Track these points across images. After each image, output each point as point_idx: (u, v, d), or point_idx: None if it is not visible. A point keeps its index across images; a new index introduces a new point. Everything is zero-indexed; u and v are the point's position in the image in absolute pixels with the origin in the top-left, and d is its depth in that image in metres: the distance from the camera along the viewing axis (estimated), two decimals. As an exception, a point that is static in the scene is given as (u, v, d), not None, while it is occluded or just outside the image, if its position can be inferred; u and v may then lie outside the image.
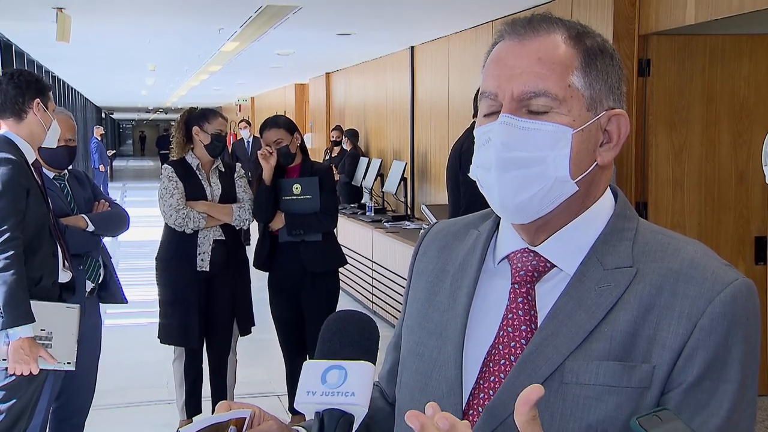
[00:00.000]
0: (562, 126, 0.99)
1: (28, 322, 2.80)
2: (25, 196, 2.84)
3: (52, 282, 2.99)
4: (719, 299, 0.96)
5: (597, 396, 0.96)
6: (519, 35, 1.02)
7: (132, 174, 28.80)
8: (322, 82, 11.88)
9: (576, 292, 1.01)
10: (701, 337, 0.95)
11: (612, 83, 1.04)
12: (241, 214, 4.06)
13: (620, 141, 1.05)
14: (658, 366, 0.95)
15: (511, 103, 1.00)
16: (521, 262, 1.06)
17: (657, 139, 4.66)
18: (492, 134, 1.01)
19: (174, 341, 4.14)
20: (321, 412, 0.86)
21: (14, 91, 2.94)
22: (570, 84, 1.00)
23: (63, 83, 14.91)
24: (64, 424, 3.52)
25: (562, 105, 0.99)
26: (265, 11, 6.05)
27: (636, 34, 4.64)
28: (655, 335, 0.96)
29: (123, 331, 6.65)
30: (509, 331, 1.03)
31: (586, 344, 0.98)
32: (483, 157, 1.03)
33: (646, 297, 0.98)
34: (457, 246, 1.16)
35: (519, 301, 1.04)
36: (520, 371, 0.99)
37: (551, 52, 1.00)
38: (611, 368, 0.96)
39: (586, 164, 1.02)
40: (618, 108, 1.05)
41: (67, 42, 6.13)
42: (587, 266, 1.02)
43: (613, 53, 1.05)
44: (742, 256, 4.78)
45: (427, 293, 1.15)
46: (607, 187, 1.08)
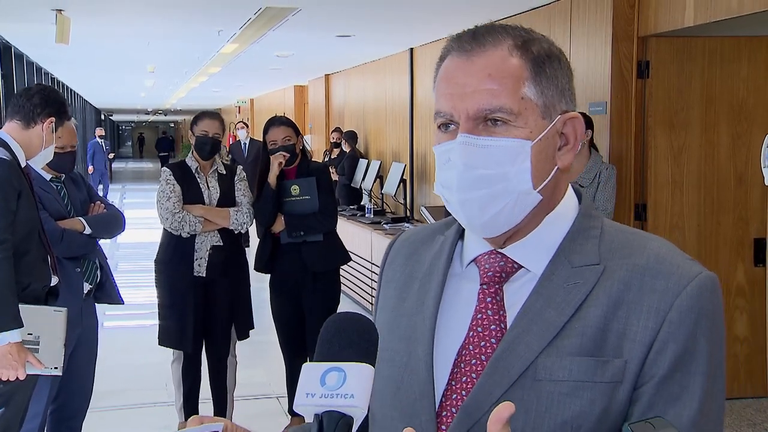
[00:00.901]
0: (521, 140, 1.00)
1: (16, 327, 2.76)
2: (17, 197, 2.82)
3: (42, 286, 2.96)
4: (686, 293, 0.98)
5: (570, 392, 0.97)
6: (466, 51, 1.02)
7: (131, 176, 28.80)
8: (322, 83, 11.88)
9: (545, 291, 1.02)
10: (671, 330, 0.96)
11: (563, 86, 1.04)
12: (238, 218, 4.04)
13: (577, 142, 1.06)
14: (630, 360, 0.97)
15: (468, 122, 1.00)
16: (489, 263, 1.07)
17: (656, 141, 4.66)
18: (452, 154, 1.02)
19: (170, 344, 4.13)
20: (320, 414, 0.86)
21: (38, 100, 3.00)
22: (523, 96, 1.00)
23: (62, 85, 14.91)
24: (62, 426, 3.52)
25: (518, 118, 1.00)
26: (265, 13, 6.06)
27: (635, 36, 4.64)
28: (625, 330, 0.98)
29: (122, 333, 6.65)
30: (479, 330, 1.04)
31: (557, 341, 0.99)
32: (445, 177, 1.04)
33: (615, 293, 0.99)
34: (424, 252, 1.16)
35: (488, 301, 1.05)
36: (494, 370, 1.00)
37: (500, 67, 1.00)
38: (584, 364, 0.97)
39: (546, 172, 1.03)
40: (571, 110, 1.06)
41: (67, 44, 6.14)
42: (555, 265, 1.03)
43: (560, 56, 1.05)
44: (741, 258, 4.78)
45: (395, 300, 1.16)
46: (568, 186, 1.09)
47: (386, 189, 8.05)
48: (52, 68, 11.90)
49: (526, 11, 5.65)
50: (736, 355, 4.81)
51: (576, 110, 1.07)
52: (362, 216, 7.87)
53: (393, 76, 8.84)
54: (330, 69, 11.22)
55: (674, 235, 4.72)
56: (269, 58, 9.46)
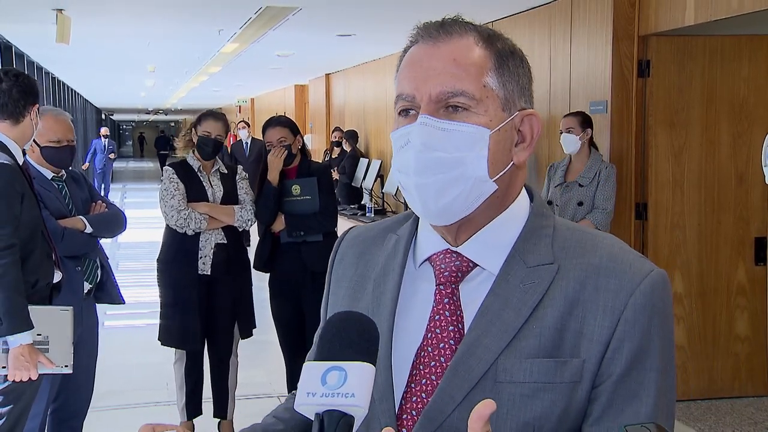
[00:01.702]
0: (480, 127, 1.01)
1: (27, 329, 2.79)
2: (20, 201, 2.83)
3: (46, 284, 2.98)
4: (639, 291, 0.99)
5: (531, 393, 0.98)
6: (433, 38, 1.04)
7: (132, 175, 28.81)
8: (322, 83, 11.88)
9: (502, 291, 1.02)
10: (626, 329, 0.98)
11: (523, 84, 1.06)
12: (243, 215, 4.05)
13: (533, 140, 1.07)
14: (588, 360, 0.98)
15: (429, 104, 1.02)
16: (444, 263, 1.07)
17: (657, 140, 4.66)
18: (411, 136, 1.02)
19: (174, 343, 4.13)
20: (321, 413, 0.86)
21: (18, 95, 2.94)
22: (485, 84, 1.02)
23: (63, 85, 14.92)
24: (63, 426, 3.52)
25: (479, 105, 1.01)
26: (265, 12, 6.06)
27: (636, 35, 4.64)
28: (581, 329, 0.99)
29: (122, 332, 6.65)
30: (437, 332, 1.04)
31: (515, 342, 0.99)
32: (402, 160, 1.04)
33: (571, 292, 1.00)
34: (376, 251, 1.16)
35: (445, 302, 1.05)
36: (454, 373, 1.00)
37: (466, 54, 1.02)
38: (543, 365, 0.98)
39: (502, 164, 1.04)
40: (529, 108, 1.07)
41: (67, 43, 6.14)
42: (511, 265, 1.04)
43: (522, 56, 1.07)
44: (741, 257, 4.78)
45: (348, 300, 1.15)
46: (522, 186, 1.10)
47: (387, 188, 8.05)
48: (52, 68, 11.91)
49: (527, 10, 5.64)
50: (737, 354, 4.81)
51: (533, 110, 1.08)
52: (363, 215, 7.87)
53: (393, 76, 8.83)
54: (330, 68, 11.22)
55: (675, 235, 4.72)
56: (270, 58, 9.46)
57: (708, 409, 4.68)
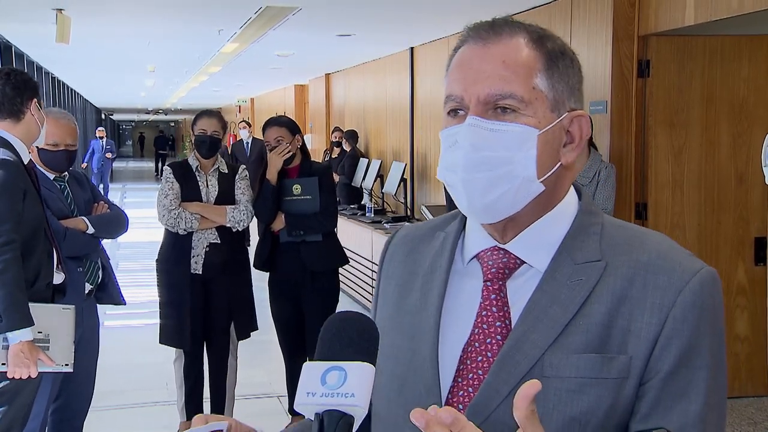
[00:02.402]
0: (528, 127, 1.01)
1: (28, 326, 2.78)
2: (22, 198, 2.83)
3: (46, 283, 2.97)
4: (688, 288, 0.99)
5: (578, 388, 0.98)
6: (482, 39, 1.05)
7: (131, 175, 28.81)
8: (322, 83, 11.88)
9: (549, 288, 1.03)
10: (675, 326, 0.98)
11: (573, 85, 1.06)
12: (235, 216, 4.04)
13: (582, 141, 1.07)
14: (635, 356, 0.98)
15: (478, 105, 1.02)
16: (491, 259, 1.07)
17: (656, 140, 4.66)
18: (459, 136, 1.03)
19: (170, 342, 4.14)
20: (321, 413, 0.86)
21: (12, 92, 2.91)
22: (534, 86, 1.02)
23: (63, 84, 14.92)
24: (63, 426, 3.52)
25: (528, 107, 1.01)
26: (265, 12, 6.06)
27: (635, 35, 4.64)
28: (629, 326, 0.99)
29: (122, 332, 6.65)
30: (484, 328, 1.04)
31: (562, 338, 1.00)
32: (450, 159, 1.05)
33: (618, 289, 1.00)
34: (424, 249, 1.17)
35: (492, 298, 1.05)
36: (500, 368, 1.00)
37: (515, 55, 1.02)
38: (590, 360, 0.98)
39: (550, 164, 1.04)
40: (579, 109, 1.07)
41: (67, 43, 6.14)
42: (558, 262, 1.04)
43: (573, 56, 1.07)
44: (741, 257, 4.78)
45: (397, 297, 1.16)
46: (570, 186, 1.10)
47: (387, 188, 8.05)
48: (52, 68, 11.91)
49: (527, 10, 5.65)
50: (737, 354, 4.81)
51: (583, 110, 1.08)
52: (363, 215, 7.87)
53: (393, 76, 8.84)
54: (330, 68, 11.22)
55: (675, 235, 4.72)
56: (269, 58, 9.46)
57: (708, 409, 4.68)
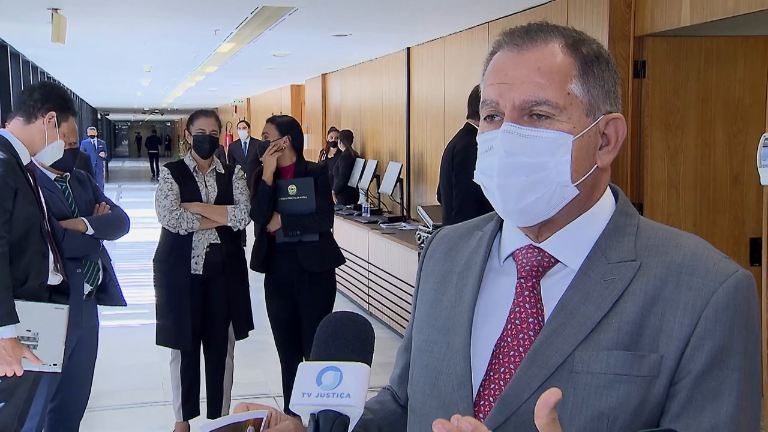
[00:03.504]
0: (563, 133, 1.02)
1: (10, 323, 2.77)
2: (13, 195, 2.82)
3: (39, 283, 2.96)
4: (722, 290, 0.99)
5: (608, 384, 0.99)
6: (517, 45, 1.05)
7: (128, 175, 28.76)
8: (318, 83, 11.87)
9: (582, 285, 1.04)
10: (707, 326, 0.98)
11: (608, 88, 1.07)
12: (236, 215, 4.05)
13: (618, 143, 1.08)
14: (666, 355, 0.98)
15: (513, 112, 1.03)
16: (526, 258, 1.09)
17: (652, 141, 4.67)
18: (494, 142, 1.04)
19: (168, 343, 4.13)
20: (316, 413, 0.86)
21: (38, 95, 3.04)
22: (569, 92, 1.03)
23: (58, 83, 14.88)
24: (59, 426, 3.51)
25: (563, 112, 1.02)
26: (261, 12, 6.05)
27: (631, 35, 4.64)
28: (661, 326, 0.99)
29: (118, 332, 6.63)
30: (517, 323, 1.06)
31: (594, 335, 1.01)
32: (486, 163, 1.06)
33: (651, 289, 1.01)
34: (462, 248, 1.19)
35: (525, 294, 1.07)
36: (531, 362, 1.01)
37: (550, 62, 1.03)
38: (621, 357, 0.99)
39: (586, 168, 1.05)
40: (615, 111, 1.07)
41: (63, 43, 6.12)
42: (592, 261, 1.05)
43: (608, 59, 1.08)
44: (737, 258, 4.77)
45: (434, 294, 1.18)
46: (606, 187, 1.11)
47: (383, 188, 8.05)
48: (48, 67, 11.88)
49: (523, 11, 5.65)
50: (732, 355, 4.82)
51: (620, 112, 1.08)
52: (359, 215, 7.87)
53: (390, 76, 8.83)
54: (326, 68, 11.21)
55: (670, 235, 4.73)
56: (266, 58, 9.45)
57: (703, 409, 4.69)
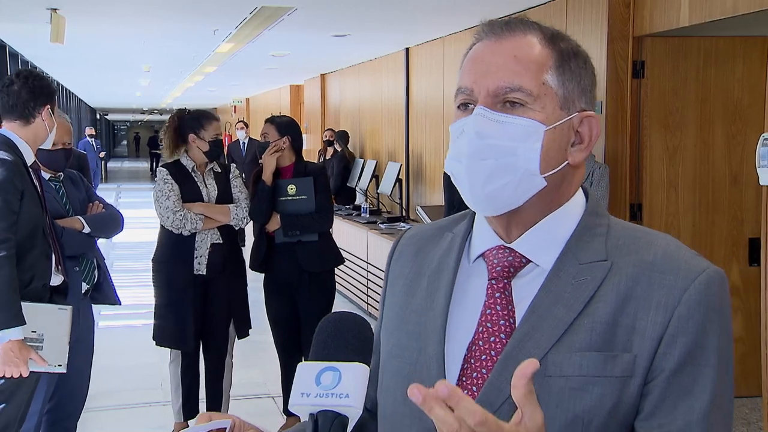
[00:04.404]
0: (535, 122, 1.02)
1: (17, 325, 2.78)
2: (19, 197, 2.83)
3: (42, 284, 2.96)
4: (694, 287, 0.99)
5: (581, 387, 0.98)
6: (496, 35, 1.06)
7: (126, 175, 28.75)
8: (317, 83, 11.88)
9: (554, 287, 1.03)
10: (680, 324, 0.98)
11: (584, 86, 1.07)
12: (238, 213, 4.06)
13: (591, 143, 1.08)
14: (639, 355, 0.98)
15: (487, 98, 1.03)
16: (497, 258, 1.07)
17: (651, 141, 4.67)
18: (466, 126, 1.04)
19: (169, 344, 4.12)
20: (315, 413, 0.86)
21: (28, 95, 2.96)
22: (544, 81, 1.03)
23: (57, 84, 14.89)
24: (56, 427, 3.50)
25: (536, 101, 1.02)
26: (260, 12, 6.06)
27: (630, 35, 4.65)
28: (634, 325, 0.99)
29: (116, 333, 6.64)
30: (488, 326, 1.04)
31: (566, 337, 1.00)
32: (456, 149, 1.05)
33: (623, 289, 1.00)
34: (431, 249, 1.17)
35: (496, 296, 1.06)
36: (504, 367, 1.00)
37: (527, 51, 1.03)
38: (594, 359, 0.98)
39: (556, 162, 1.04)
40: (590, 110, 1.07)
41: (62, 43, 6.12)
42: (563, 261, 1.04)
43: (586, 58, 1.08)
44: (736, 258, 4.79)
45: (403, 296, 1.16)
46: (579, 186, 1.10)
47: (382, 188, 8.05)
48: (47, 67, 11.87)
49: (522, 11, 5.65)
50: (731, 355, 4.82)
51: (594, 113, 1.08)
52: (358, 216, 7.86)
53: (389, 76, 8.84)
54: (326, 68, 11.21)
55: (669, 235, 4.73)
56: (265, 58, 9.45)
57: (702, 409, 4.69)
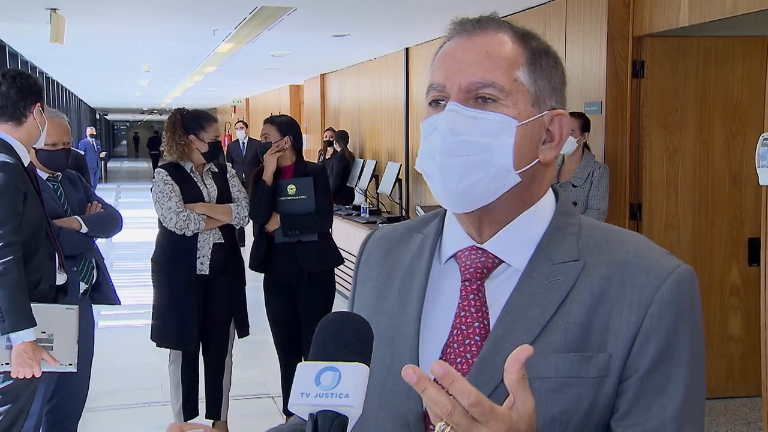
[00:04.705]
0: (508, 117, 1.02)
1: (30, 326, 2.80)
2: (23, 199, 2.84)
3: (50, 285, 2.98)
4: (665, 286, 1.00)
5: (557, 388, 0.98)
6: (468, 32, 1.05)
7: (126, 175, 28.75)
8: (317, 83, 11.88)
9: (527, 288, 1.03)
10: (653, 323, 0.98)
11: (555, 84, 1.06)
12: (239, 213, 4.07)
13: (561, 141, 1.08)
14: (614, 354, 0.98)
15: (459, 94, 1.03)
16: (469, 259, 1.07)
17: (651, 141, 4.67)
18: (439, 123, 1.03)
19: (170, 344, 4.11)
20: (315, 413, 0.86)
21: (16, 95, 2.93)
22: (516, 78, 1.03)
23: (57, 84, 14.88)
24: (57, 427, 3.51)
25: (509, 97, 1.02)
26: (260, 12, 6.06)
27: (630, 35, 4.65)
28: (607, 325, 0.99)
29: (116, 333, 6.64)
30: (463, 329, 1.04)
31: (541, 338, 1.00)
32: (429, 146, 1.05)
33: (597, 288, 1.01)
34: (401, 251, 1.16)
35: (470, 298, 1.05)
36: (480, 370, 1.00)
37: (498, 48, 1.03)
38: (569, 360, 0.98)
39: (528, 158, 1.04)
40: (560, 108, 1.07)
41: (61, 43, 6.12)
42: (536, 262, 1.04)
43: (557, 57, 1.08)
44: (735, 258, 4.79)
45: (374, 299, 1.15)
46: (549, 186, 1.10)
47: (382, 188, 8.05)
48: (46, 68, 11.88)
49: (522, 11, 5.65)
50: (731, 355, 4.82)
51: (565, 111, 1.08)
52: (357, 216, 7.86)
53: (388, 76, 8.84)
54: (325, 68, 11.22)
55: (669, 235, 4.73)
56: (265, 58, 9.45)
57: (702, 409, 4.69)
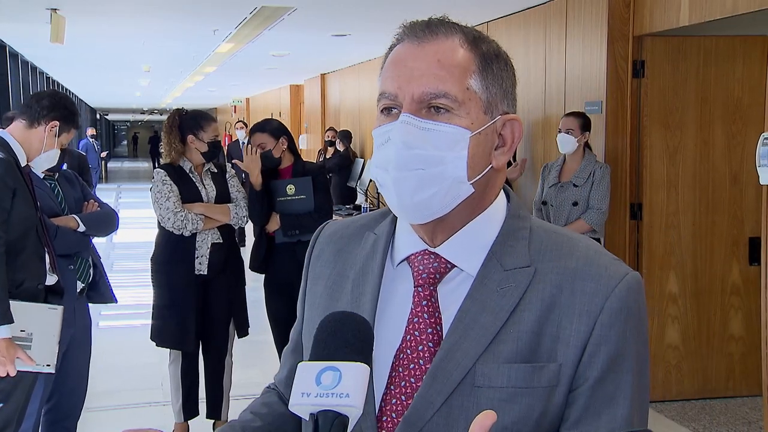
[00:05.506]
0: (461, 128, 1.01)
1: (5, 323, 2.76)
2: (11, 195, 2.82)
3: (37, 285, 2.95)
4: (615, 294, 1.00)
5: (509, 398, 0.98)
6: (418, 38, 1.04)
7: (126, 175, 28.76)
8: (317, 83, 11.88)
9: (479, 295, 1.02)
10: (602, 333, 0.99)
11: (506, 88, 1.06)
12: (238, 212, 4.07)
13: (514, 145, 1.07)
14: (564, 364, 0.99)
15: (412, 104, 1.01)
16: (422, 264, 1.06)
17: (651, 141, 4.67)
18: (392, 134, 1.02)
19: (170, 344, 4.11)
20: (315, 413, 0.86)
21: (47, 102, 3.06)
22: (468, 87, 1.02)
23: (57, 84, 14.88)
24: (56, 427, 3.50)
25: (461, 107, 1.01)
26: (260, 12, 6.06)
27: (630, 35, 4.65)
28: (558, 334, 0.99)
29: (116, 333, 6.64)
30: (416, 335, 1.04)
31: (493, 346, 1.00)
32: (382, 156, 1.04)
33: (548, 296, 1.01)
34: (354, 249, 1.15)
35: (423, 304, 1.05)
36: (433, 379, 1.00)
37: (450, 55, 1.02)
38: (521, 370, 0.98)
39: (481, 166, 1.04)
40: (512, 112, 1.07)
41: (62, 43, 6.12)
42: (488, 268, 1.04)
43: (507, 60, 1.07)
44: (736, 257, 4.79)
45: (326, 299, 1.14)
46: (501, 189, 1.10)
47: (382, 188, 8.04)
48: (47, 68, 11.88)
49: (522, 11, 5.65)
50: (732, 354, 4.82)
51: (516, 114, 1.08)
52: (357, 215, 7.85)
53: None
54: (325, 68, 11.22)
55: (669, 235, 4.73)
56: (265, 58, 9.45)
57: (702, 409, 4.69)
